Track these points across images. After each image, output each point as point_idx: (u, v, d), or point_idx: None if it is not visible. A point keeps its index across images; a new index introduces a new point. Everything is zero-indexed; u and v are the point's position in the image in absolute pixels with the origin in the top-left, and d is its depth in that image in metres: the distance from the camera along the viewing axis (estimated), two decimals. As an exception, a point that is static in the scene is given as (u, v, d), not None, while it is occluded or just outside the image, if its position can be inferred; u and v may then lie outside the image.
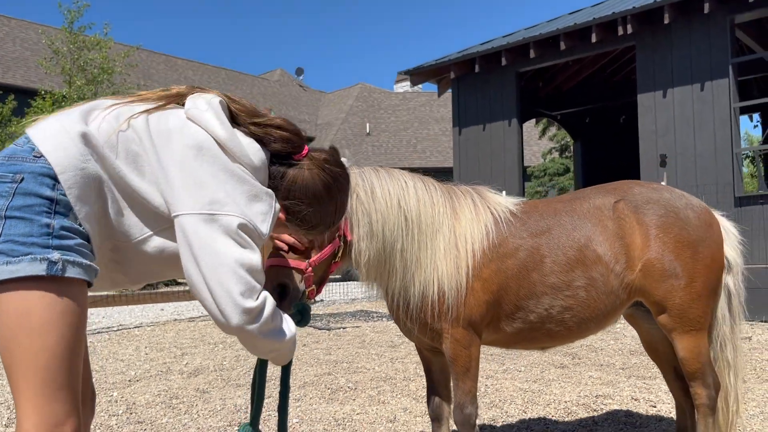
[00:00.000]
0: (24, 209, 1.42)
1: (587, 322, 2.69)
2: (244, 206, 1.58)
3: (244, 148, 1.64)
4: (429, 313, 2.51)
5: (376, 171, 2.59)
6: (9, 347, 1.40)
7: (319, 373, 5.04)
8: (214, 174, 1.57)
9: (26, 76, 24.19)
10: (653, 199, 2.75)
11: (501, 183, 12.48)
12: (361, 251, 2.41)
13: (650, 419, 3.72)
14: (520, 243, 2.62)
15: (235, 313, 1.53)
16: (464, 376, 2.57)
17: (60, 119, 1.55)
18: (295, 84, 36.92)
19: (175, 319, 8.44)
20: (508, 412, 3.90)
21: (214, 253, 1.52)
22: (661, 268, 2.64)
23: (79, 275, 1.45)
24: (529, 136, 27.65)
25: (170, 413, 3.93)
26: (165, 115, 1.64)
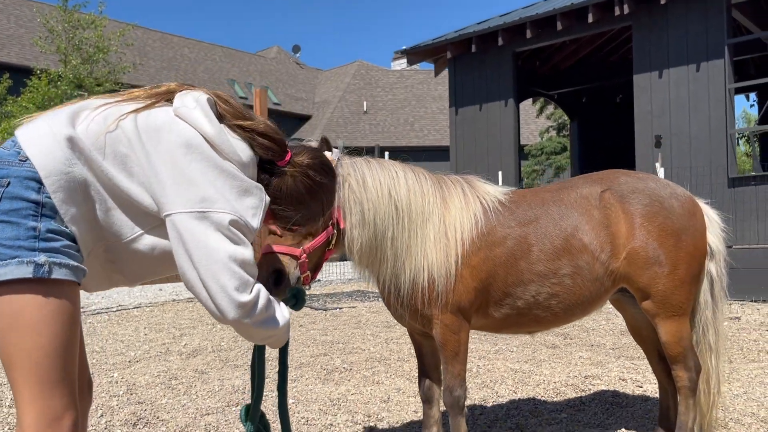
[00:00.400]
0: (11, 213, 1.47)
1: (573, 308, 2.78)
2: (234, 202, 1.63)
3: (232, 145, 1.69)
4: (419, 299, 2.59)
5: (368, 162, 2.64)
6: (4, 347, 1.47)
7: (315, 354, 5.15)
8: (203, 171, 1.61)
9: (21, 54, 24.02)
10: (639, 188, 2.82)
11: (497, 163, 12.53)
12: (354, 239, 2.48)
13: (636, 399, 3.83)
14: (509, 232, 2.69)
15: (231, 308, 1.60)
16: (453, 360, 2.67)
17: (48, 121, 1.59)
18: (292, 61, 36.69)
19: (174, 299, 8.54)
20: (499, 393, 4.01)
21: (207, 250, 1.57)
22: (645, 256, 2.72)
23: (65, 276, 1.50)
24: (526, 114, 27.62)
25: (170, 394, 4.03)
26: (153, 114, 1.68)
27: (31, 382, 1.47)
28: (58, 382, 1.50)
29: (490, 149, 12.71)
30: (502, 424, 3.42)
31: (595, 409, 3.66)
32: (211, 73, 30.15)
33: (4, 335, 1.47)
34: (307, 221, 1.93)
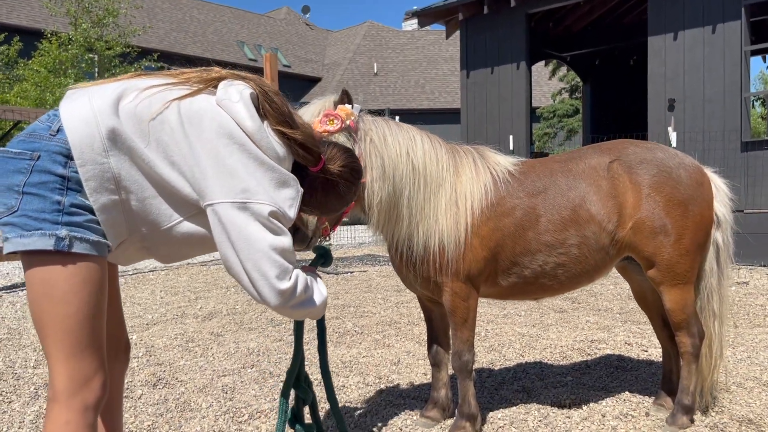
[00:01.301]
0: (39, 186, 1.54)
1: (579, 276, 2.85)
2: (273, 193, 1.70)
3: (271, 142, 1.76)
4: (431, 266, 2.67)
5: (387, 121, 2.70)
6: (37, 314, 1.57)
7: (328, 318, 5.26)
8: (244, 163, 1.68)
9: (31, 16, 23.91)
10: (647, 159, 2.85)
11: (508, 127, 12.46)
12: (374, 192, 2.54)
13: (641, 363, 3.92)
14: (517, 202, 2.75)
15: (272, 295, 1.71)
16: (462, 326, 2.75)
17: (94, 104, 1.63)
18: (302, 22, 36.26)
19: (188, 263, 8.69)
20: (506, 356, 4.11)
21: (248, 240, 1.66)
22: (651, 226, 2.77)
23: (86, 251, 1.57)
24: (539, 76, 27.26)
25: (187, 356, 4.17)
26: (197, 102, 1.73)
27: (62, 348, 1.57)
28: (86, 347, 1.59)
29: (502, 113, 12.64)
30: (509, 386, 3.53)
31: (600, 372, 3.76)
32: (221, 34, 29.90)
33: (36, 303, 1.57)
34: (329, 214, 2.03)
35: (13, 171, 1.55)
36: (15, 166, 1.56)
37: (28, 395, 3.42)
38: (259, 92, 1.80)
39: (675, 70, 10.31)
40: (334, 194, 1.99)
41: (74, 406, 1.56)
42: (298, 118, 1.89)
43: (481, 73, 12.86)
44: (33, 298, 1.57)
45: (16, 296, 6.38)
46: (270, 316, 5.30)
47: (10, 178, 1.55)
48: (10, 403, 3.30)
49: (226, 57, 28.23)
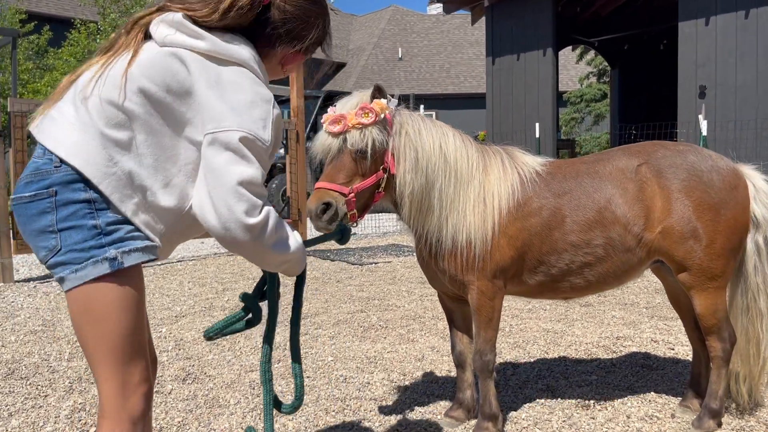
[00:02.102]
0: (70, 218, 1.55)
1: (605, 276, 2.86)
2: (241, 116, 1.61)
3: (229, 48, 1.67)
4: (458, 261, 2.71)
5: (422, 117, 2.79)
6: (84, 333, 1.59)
7: (353, 311, 5.32)
8: (206, 91, 1.62)
9: (60, 5, 24.22)
10: (677, 163, 2.82)
11: (534, 114, 12.35)
12: (407, 182, 2.62)
13: (667, 362, 3.90)
14: (544, 203, 2.77)
15: (240, 231, 1.59)
16: (487, 325, 2.77)
17: (69, 120, 1.59)
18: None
19: (215, 253, 8.80)
20: (530, 353, 4.12)
21: (216, 175, 1.58)
22: (681, 231, 2.74)
23: (137, 261, 1.60)
24: (566, 60, 26.90)
25: (215, 350, 4.25)
26: (144, 59, 1.65)
27: (110, 361, 1.60)
28: (131, 360, 1.62)
29: (528, 100, 12.52)
30: (533, 385, 3.54)
31: (625, 371, 3.75)
32: (246, 20, 29.96)
33: (84, 325, 1.59)
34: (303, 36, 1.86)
35: (38, 214, 1.56)
36: (37, 208, 1.56)
37: (63, 389, 3.52)
38: (179, 7, 1.71)
39: (706, 57, 10.11)
40: (300, 14, 1.82)
41: (125, 420, 1.61)
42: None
43: (507, 60, 12.73)
44: (78, 319, 1.59)
45: (50, 286, 6.54)
46: (296, 309, 5.37)
47: (38, 221, 1.56)
48: (46, 398, 3.41)
49: (251, 43, 28.33)
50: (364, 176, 2.52)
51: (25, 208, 1.57)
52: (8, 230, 6.60)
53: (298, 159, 9.07)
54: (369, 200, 2.61)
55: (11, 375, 3.76)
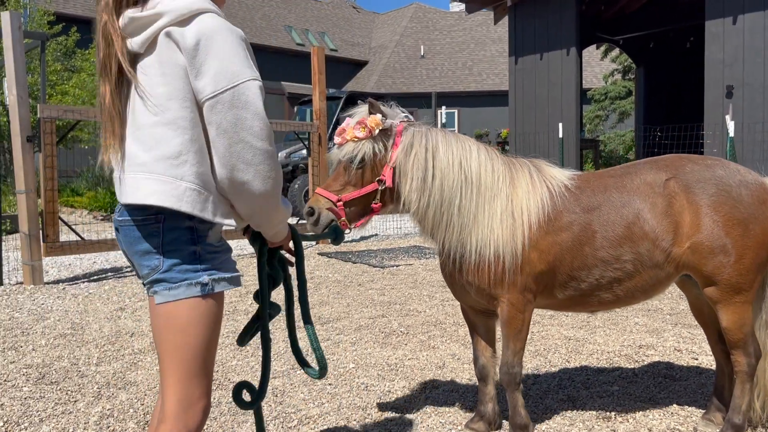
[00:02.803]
0: (174, 242, 1.69)
1: (634, 291, 2.86)
2: (240, 67, 1.66)
3: (174, 4, 1.67)
4: (485, 275, 2.72)
5: (444, 133, 2.82)
6: (164, 343, 1.75)
7: (374, 316, 5.35)
8: (206, 57, 1.66)
9: (87, 5, 24.58)
10: (705, 177, 2.79)
11: (558, 114, 12.26)
12: (412, 200, 2.69)
13: (690, 372, 3.87)
14: (575, 218, 2.77)
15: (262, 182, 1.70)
16: (515, 337, 2.79)
17: (145, 168, 1.69)
18: (349, 5, 36.21)
19: (238, 255, 8.90)
20: (552, 362, 4.11)
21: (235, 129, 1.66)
22: (710, 246, 2.73)
23: (224, 288, 1.75)
24: (590, 57, 26.61)
25: (239, 356, 4.31)
26: (142, 61, 1.72)
27: (180, 371, 1.73)
28: (198, 374, 1.75)
29: (551, 100, 12.44)
30: (554, 395, 3.54)
31: (647, 381, 3.73)
32: (269, 19, 30.15)
33: (166, 335, 1.73)
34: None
35: (146, 236, 1.70)
36: (146, 231, 1.70)
37: (92, 395, 3.61)
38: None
39: (734, 56, 9.95)
40: None
41: (181, 429, 1.73)
42: None
43: (529, 60, 12.66)
44: (162, 330, 1.73)
45: (78, 288, 6.68)
46: (317, 313, 5.42)
47: (145, 243, 1.71)
48: (75, 403, 3.49)
49: (274, 42, 28.51)
50: (356, 186, 2.65)
51: (133, 230, 1.72)
52: (38, 233, 6.74)
53: (320, 161, 9.12)
54: (364, 210, 2.70)
55: (42, 380, 3.86)
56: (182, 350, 1.71)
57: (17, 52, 6.34)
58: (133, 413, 3.35)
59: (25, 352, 4.44)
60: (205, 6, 1.69)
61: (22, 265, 6.98)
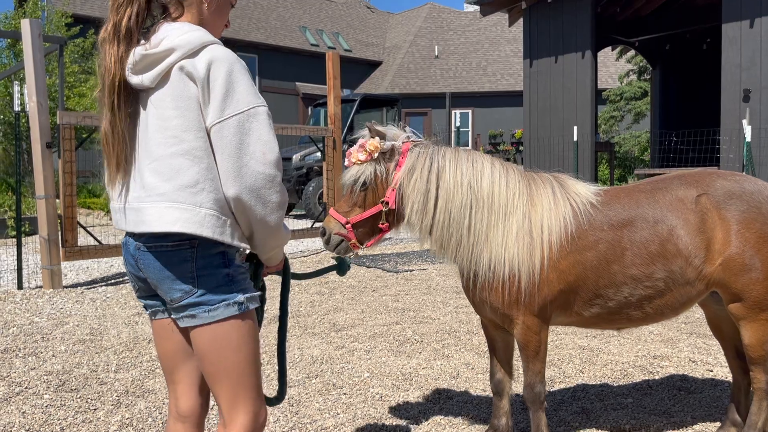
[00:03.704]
0: (207, 267, 1.77)
1: (664, 308, 2.83)
2: (248, 98, 1.75)
3: (182, 39, 1.75)
4: (502, 296, 2.69)
5: (455, 152, 2.79)
6: (217, 363, 1.82)
7: (388, 323, 5.39)
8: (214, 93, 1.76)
9: (104, 6, 24.78)
10: (736, 193, 2.78)
11: (572, 117, 12.21)
12: (413, 224, 2.72)
13: (705, 384, 3.87)
14: (601, 236, 2.72)
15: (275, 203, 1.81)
16: (534, 358, 2.78)
17: (164, 197, 1.76)
18: (363, 5, 36.23)
19: (254, 258, 8.98)
20: (566, 372, 4.12)
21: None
22: (741, 263, 2.71)
23: (254, 305, 1.86)
24: (605, 57, 26.43)
25: (255, 363, 4.36)
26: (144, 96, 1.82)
27: (241, 389, 1.84)
28: (256, 386, 1.86)
29: (566, 102, 12.40)
30: (568, 407, 3.55)
31: (662, 394, 3.73)
32: (283, 20, 30.25)
33: (219, 354, 1.81)
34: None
35: (180, 261, 1.77)
36: (179, 257, 1.76)
37: (111, 403, 3.67)
38: (114, 22, 1.80)
39: (751, 59, 9.87)
40: None
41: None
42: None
43: (544, 62, 12.62)
44: (213, 351, 1.81)
45: (96, 292, 6.77)
46: (332, 320, 5.46)
47: (179, 267, 1.77)
48: (95, 411, 3.56)
49: (288, 43, 28.59)
50: (362, 208, 2.69)
51: (166, 255, 1.77)
52: (57, 238, 6.84)
53: (334, 165, 9.17)
54: (372, 231, 2.73)
55: (62, 387, 3.93)
56: (242, 367, 1.82)
57: (37, 60, 6.44)
58: (152, 422, 3.41)
59: (45, 358, 4.52)
60: (211, 38, 1.79)
61: (41, 269, 7.08)
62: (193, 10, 1.86)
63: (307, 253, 9.49)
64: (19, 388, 3.90)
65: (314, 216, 12.66)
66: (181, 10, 1.84)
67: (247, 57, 26.96)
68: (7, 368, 4.29)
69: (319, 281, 7.35)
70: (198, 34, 1.77)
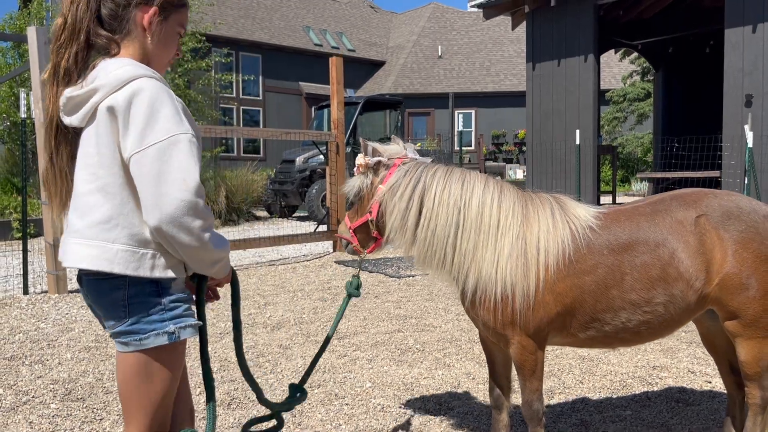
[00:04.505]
0: (138, 295, 1.79)
1: (661, 331, 2.86)
2: (171, 126, 1.73)
3: (108, 78, 1.76)
4: (493, 316, 2.71)
5: (447, 171, 2.83)
6: (129, 389, 1.85)
7: (390, 330, 5.43)
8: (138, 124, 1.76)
9: (107, 7, 24.83)
10: (734, 213, 2.80)
11: (575, 120, 12.24)
12: (393, 240, 2.85)
13: (703, 396, 3.91)
14: (600, 260, 2.72)
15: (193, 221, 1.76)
16: (531, 377, 2.81)
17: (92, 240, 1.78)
18: (367, 5, 36.25)
19: (257, 262, 9.02)
20: (565, 383, 4.17)
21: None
22: (738, 283, 2.73)
23: (188, 335, 1.85)
24: (609, 57, 26.41)
25: (258, 372, 4.41)
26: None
27: (145, 413, 1.85)
28: (159, 416, 1.88)
29: (568, 106, 12.42)
30: (567, 419, 3.60)
31: (660, 406, 3.77)
32: (287, 20, 30.29)
33: (133, 383, 1.83)
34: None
35: (111, 289, 1.79)
36: (111, 285, 1.79)
37: (116, 412, 3.73)
38: (54, 62, 1.84)
39: (753, 64, 9.88)
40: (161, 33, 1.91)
41: None
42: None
43: (547, 66, 12.65)
44: (134, 377, 1.82)
45: (100, 297, 6.83)
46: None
47: (110, 295, 1.80)
48: (101, 421, 3.61)
49: (292, 42, 28.63)
50: (358, 216, 2.89)
51: (98, 283, 1.81)
52: (62, 243, 6.90)
53: (337, 170, 9.22)
54: (368, 239, 2.90)
55: (68, 396, 3.98)
56: (151, 395, 1.83)
57: (43, 67, 6.48)
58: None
59: (51, 366, 4.58)
60: (138, 72, 1.78)
61: (46, 274, 7.15)
62: (135, 45, 1.86)
63: (310, 257, 9.55)
64: (26, 397, 3.97)
65: (318, 219, 12.72)
66: (118, 48, 1.85)
67: (251, 57, 27.02)
68: (14, 376, 4.35)
69: (322, 286, 7.40)
70: (128, 69, 1.77)
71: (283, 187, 14.39)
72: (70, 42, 1.81)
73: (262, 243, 8.65)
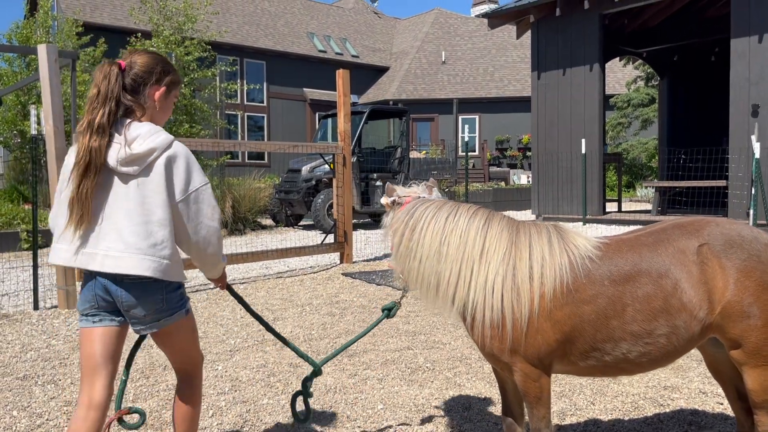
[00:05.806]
0: (170, 292, 2.63)
1: (663, 360, 2.86)
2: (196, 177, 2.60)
3: (158, 141, 2.50)
4: (489, 342, 2.74)
5: (439, 206, 2.92)
6: (179, 343, 2.79)
7: (400, 348, 5.45)
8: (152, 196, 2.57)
9: (113, 15, 25.00)
10: (736, 242, 2.81)
11: (581, 130, 12.25)
12: (395, 267, 3.01)
13: (716, 419, 3.91)
14: (601, 290, 2.72)
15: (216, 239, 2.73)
16: (537, 404, 2.82)
17: (124, 250, 2.50)
18: (370, 11, 36.33)
19: (264, 275, 9.04)
20: (577, 404, 4.17)
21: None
22: (740, 311, 2.74)
23: (190, 309, 2.79)
24: (613, 62, 26.39)
25: (269, 392, 4.43)
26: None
27: (196, 349, 2.90)
28: (198, 346, 2.95)
29: (574, 115, 12.43)
30: (580, 443, 3.60)
31: (671, 429, 3.77)
32: (291, 26, 30.38)
33: (181, 338, 2.78)
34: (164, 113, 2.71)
35: (156, 290, 2.57)
36: (157, 286, 2.56)
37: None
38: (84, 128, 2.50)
39: (759, 74, 9.89)
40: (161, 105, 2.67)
41: (201, 367, 3.01)
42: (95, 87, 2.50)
43: (552, 75, 12.67)
44: (180, 335, 2.74)
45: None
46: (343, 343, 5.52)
47: (155, 294, 2.58)
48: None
49: (296, 49, 28.71)
50: None
51: (146, 286, 2.54)
52: (72, 258, 6.93)
53: (344, 182, 9.24)
54: None
55: (82, 418, 3.99)
56: (192, 342, 2.83)
57: (53, 84, 6.53)
58: (171, 458, 3.48)
59: (63, 386, 4.61)
60: (171, 137, 2.53)
61: (56, 289, 7.18)
62: (149, 110, 2.59)
63: (317, 268, 9.57)
64: (40, 419, 3.99)
65: (324, 228, 12.74)
66: (143, 110, 2.57)
67: (256, 63, 27.11)
68: (27, 398, 4.38)
69: (330, 300, 7.42)
70: (164, 135, 2.51)
71: (288, 197, 14.42)
72: (104, 104, 2.43)
73: (269, 255, 8.67)
